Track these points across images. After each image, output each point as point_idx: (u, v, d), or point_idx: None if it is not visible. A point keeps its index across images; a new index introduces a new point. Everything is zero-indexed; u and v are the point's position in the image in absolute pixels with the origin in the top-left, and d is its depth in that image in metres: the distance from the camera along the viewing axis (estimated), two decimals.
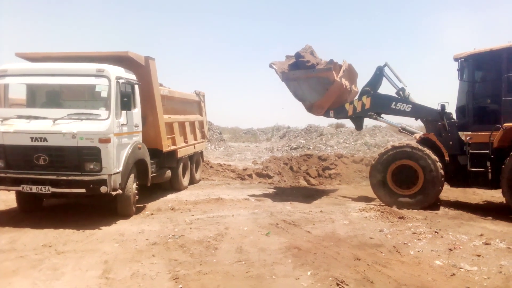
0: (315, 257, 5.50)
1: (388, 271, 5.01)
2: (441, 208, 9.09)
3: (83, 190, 6.85)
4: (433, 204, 8.98)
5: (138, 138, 8.24)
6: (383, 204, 8.80)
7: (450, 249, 5.86)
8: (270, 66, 10.44)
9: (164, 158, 9.77)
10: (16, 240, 6.17)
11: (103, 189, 6.84)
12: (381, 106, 10.08)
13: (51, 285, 4.57)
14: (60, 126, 6.93)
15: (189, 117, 11.97)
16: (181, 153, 10.67)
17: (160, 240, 6.21)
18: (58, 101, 8.09)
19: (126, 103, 7.40)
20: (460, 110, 9.09)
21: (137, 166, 8.05)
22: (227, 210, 8.37)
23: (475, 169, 8.43)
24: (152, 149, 8.98)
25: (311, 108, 10.48)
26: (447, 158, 8.91)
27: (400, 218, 7.63)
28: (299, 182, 13.37)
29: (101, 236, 6.45)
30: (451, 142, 9.11)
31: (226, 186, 12.26)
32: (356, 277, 4.79)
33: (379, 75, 10.32)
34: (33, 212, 7.82)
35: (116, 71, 7.50)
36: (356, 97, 10.73)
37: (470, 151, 8.57)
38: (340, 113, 10.51)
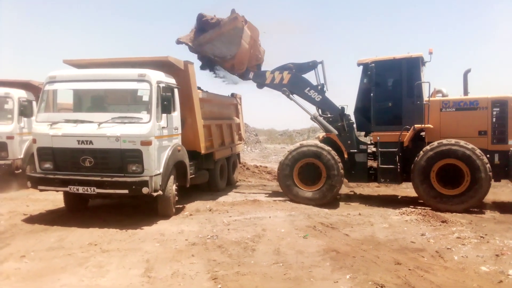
0: (354, 260, 5.42)
1: (430, 277, 4.85)
2: (487, 212, 8.70)
3: (126, 191, 7.09)
4: (478, 206, 8.84)
5: (178, 140, 8.44)
6: (425, 208, 8.54)
7: (497, 255, 5.59)
8: (178, 42, 10.36)
9: (202, 160, 9.94)
10: (64, 239, 6.49)
11: (145, 190, 7.05)
12: (297, 86, 10.40)
13: (96, 282, 4.77)
14: (104, 130, 7.20)
15: (226, 119, 12.12)
16: (218, 155, 10.83)
17: (199, 241, 6.34)
18: (102, 105, 8.42)
19: (166, 106, 7.58)
20: (358, 111, 9.90)
21: (176, 168, 8.24)
22: (264, 212, 8.40)
23: (385, 166, 9.20)
24: (191, 151, 9.15)
25: (233, 66, 10.41)
26: (346, 156, 9.70)
27: (443, 222, 7.37)
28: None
29: (143, 235, 6.66)
30: (349, 141, 9.86)
31: (262, 188, 12.29)
32: (396, 282, 4.68)
33: (310, 67, 10.61)
34: (79, 212, 8.18)
35: (157, 76, 7.72)
36: (277, 69, 10.64)
37: (380, 149, 9.29)
38: (259, 77, 10.70)
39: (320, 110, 10.46)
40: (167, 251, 5.88)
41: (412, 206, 8.84)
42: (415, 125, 9.04)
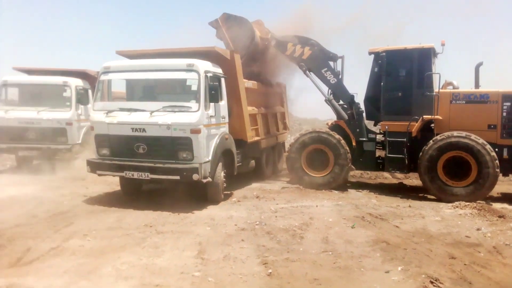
0: (405, 252, 5.35)
1: (488, 273, 4.70)
2: None
3: (178, 177, 7.36)
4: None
5: (225, 129, 8.61)
6: (480, 202, 8.21)
7: None
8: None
9: (249, 149, 10.06)
10: (122, 219, 6.88)
11: (195, 176, 7.28)
12: (315, 64, 10.41)
13: (153, 262, 5.02)
14: (156, 118, 7.47)
15: (272, 108, 12.14)
16: (264, 144, 10.92)
17: (247, 226, 6.49)
18: (153, 94, 8.72)
19: (214, 95, 7.73)
20: (368, 100, 9.92)
21: (224, 156, 8.42)
22: (310, 201, 8.43)
23: (393, 155, 9.25)
24: (237, 140, 9.29)
25: (260, 37, 10.60)
26: (354, 144, 9.84)
27: (500, 217, 7.07)
28: (383, 175, 12.90)
29: (194, 219, 6.91)
30: (358, 130, 9.96)
31: None
32: (451, 276, 4.58)
33: (331, 57, 10.53)
34: (134, 195, 8.60)
35: (205, 66, 7.87)
36: (300, 41, 10.57)
37: (388, 139, 9.37)
38: (280, 46, 10.71)
39: (332, 94, 10.48)
40: (218, 235, 6.08)
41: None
42: (424, 116, 9.05)
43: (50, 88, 11.95)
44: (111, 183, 9.49)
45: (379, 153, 10.21)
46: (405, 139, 9.18)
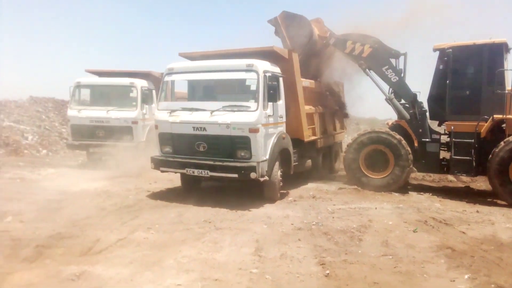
0: (472, 260, 5.06)
1: None
2: None
3: (236, 175, 7.52)
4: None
5: (282, 128, 8.64)
6: None
7: None
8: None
9: (305, 148, 10.00)
10: (182, 214, 7.17)
11: (253, 175, 7.40)
12: (375, 62, 10.10)
13: (212, 256, 5.18)
14: (216, 117, 7.69)
15: (329, 107, 11.98)
16: (321, 143, 10.81)
17: (304, 226, 6.48)
18: (213, 94, 8.96)
19: (272, 95, 7.80)
20: (433, 99, 9.41)
21: (281, 155, 8.46)
22: (369, 202, 8.22)
23: (459, 157, 8.75)
24: (294, 139, 9.27)
25: (319, 36, 10.52)
26: (416, 144, 9.45)
27: None
28: (447, 178, 12.23)
29: (251, 217, 7.03)
30: (420, 130, 9.56)
31: None
32: None
33: (393, 55, 10.17)
34: (193, 191, 8.90)
35: (264, 65, 7.96)
36: (360, 39, 10.27)
37: (454, 140, 8.87)
38: (339, 44, 10.49)
39: (393, 93, 10.07)
40: (275, 233, 6.14)
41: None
42: (495, 116, 8.51)
43: (118, 88, 12.74)
44: (171, 179, 9.90)
45: (443, 154, 9.70)
46: (472, 140, 8.70)
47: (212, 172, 7.70)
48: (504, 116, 8.45)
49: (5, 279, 4.43)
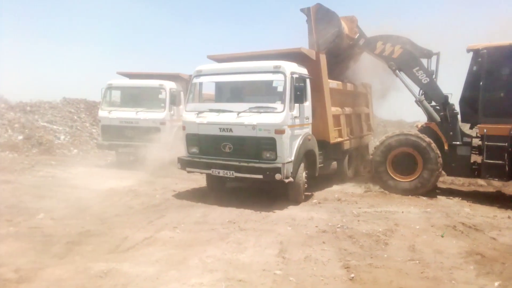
0: (503, 267, 4.90)
1: None
2: None
3: (261, 176, 7.54)
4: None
5: (308, 130, 8.61)
6: None
7: None
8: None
9: (331, 150, 9.92)
10: (207, 215, 7.26)
11: (278, 176, 7.41)
12: (406, 63, 9.90)
13: (237, 257, 5.23)
14: (242, 119, 7.74)
15: (356, 109, 11.85)
16: (347, 145, 10.69)
17: (329, 229, 6.44)
18: (240, 95, 9.01)
19: (299, 96, 7.79)
20: (465, 101, 9.15)
21: (306, 157, 8.43)
22: (396, 206, 8.08)
23: (492, 161, 8.51)
24: (320, 141, 9.23)
25: (347, 36, 10.42)
26: (446, 148, 9.23)
27: None
28: (477, 182, 11.85)
29: (275, 218, 7.04)
30: (451, 133, 9.35)
31: None
32: None
33: (424, 54, 10.08)
34: (218, 192, 9.00)
35: (291, 67, 7.96)
36: (390, 39, 10.12)
37: (487, 143, 8.61)
38: (369, 45, 10.40)
39: (423, 95, 9.87)
40: (299, 235, 6.13)
41: None
42: None
43: (148, 90, 13.03)
44: (197, 179, 10.04)
45: (474, 158, 9.41)
46: (506, 144, 8.41)
47: (237, 173, 7.75)
48: None
49: (36, 274, 4.62)
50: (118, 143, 12.57)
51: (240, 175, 7.75)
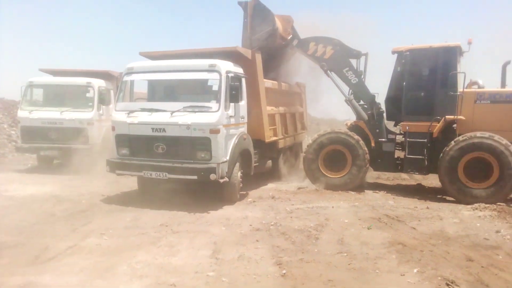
0: (421, 254, 5.27)
1: (506, 276, 4.60)
2: None
3: (195, 177, 7.42)
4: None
5: (244, 129, 8.63)
6: (500, 204, 8.01)
7: None
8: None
9: (266, 149, 10.04)
10: (138, 219, 6.98)
11: (212, 176, 7.33)
12: (337, 64, 10.30)
13: (169, 261, 5.08)
14: (176, 118, 7.55)
15: (290, 108, 12.10)
16: (281, 144, 10.90)
17: (262, 227, 6.50)
18: (174, 94, 8.79)
19: (234, 95, 7.76)
20: (390, 100, 9.74)
21: (241, 156, 8.45)
22: (326, 201, 8.38)
23: (413, 156, 9.11)
24: (255, 140, 9.29)
25: (281, 36, 10.48)
26: (373, 144, 9.75)
27: None
28: (401, 176, 12.70)
29: (210, 219, 6.97)
30: (377, 130, 9.85)
31: None
32: (468, 279, 4.50)
33: (354, 55, 10.44)
34: (151, 195, 8.68)
35: (227, 66, 7.91)
36: (322, 40, 10.45)
37: (408, 139, 9.21)
38: (302, 45, 10.62)
39: (353, 94, 10.36)
40: (233, 235, 6.12)
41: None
42: (446, 116, 8.87)
43: (74, 88, 12.29)
44: (127, 183, 9.64)
45: (398, 154, 10.07)
46: (425, 140, 9.06)
47: (171, 175, 7.55)
48: (455, 116, 8.84)
49: None
50: (40, 146, 11.69)
51: (174, 176, 7.57)
